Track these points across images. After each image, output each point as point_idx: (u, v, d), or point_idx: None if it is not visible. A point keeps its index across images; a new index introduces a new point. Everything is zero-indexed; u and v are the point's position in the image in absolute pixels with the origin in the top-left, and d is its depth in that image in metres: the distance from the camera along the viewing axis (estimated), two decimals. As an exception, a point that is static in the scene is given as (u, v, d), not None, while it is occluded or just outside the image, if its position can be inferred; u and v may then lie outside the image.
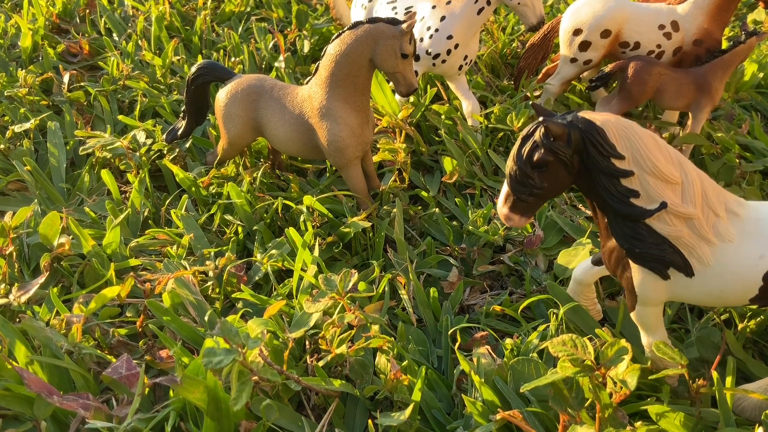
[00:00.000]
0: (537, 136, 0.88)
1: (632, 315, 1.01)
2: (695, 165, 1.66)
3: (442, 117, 1.74)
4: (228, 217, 1.43)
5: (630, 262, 0.94)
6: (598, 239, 1.36)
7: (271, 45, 2.21)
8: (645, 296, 0.96)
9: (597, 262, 1.11)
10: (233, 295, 1.24)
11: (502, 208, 0.96)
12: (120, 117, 1.77)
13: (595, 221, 0.98)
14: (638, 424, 0.96)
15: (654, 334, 1.01)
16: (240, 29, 2.37)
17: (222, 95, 1.46)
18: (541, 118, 0.87)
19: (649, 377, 1.02)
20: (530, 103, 0.87)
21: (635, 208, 0.88)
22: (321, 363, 1.07)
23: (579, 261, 1.26)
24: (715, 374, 0.97)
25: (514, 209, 0.94)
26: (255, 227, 1.40)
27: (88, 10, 2.47)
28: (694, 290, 0.93)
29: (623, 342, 0.91)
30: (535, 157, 0.88)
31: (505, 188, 0.95)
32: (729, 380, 1.01)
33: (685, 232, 0.89)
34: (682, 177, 0.89)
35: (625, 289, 0.99)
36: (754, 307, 1.17)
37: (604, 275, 1.14)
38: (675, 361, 0.98)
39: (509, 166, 0.92)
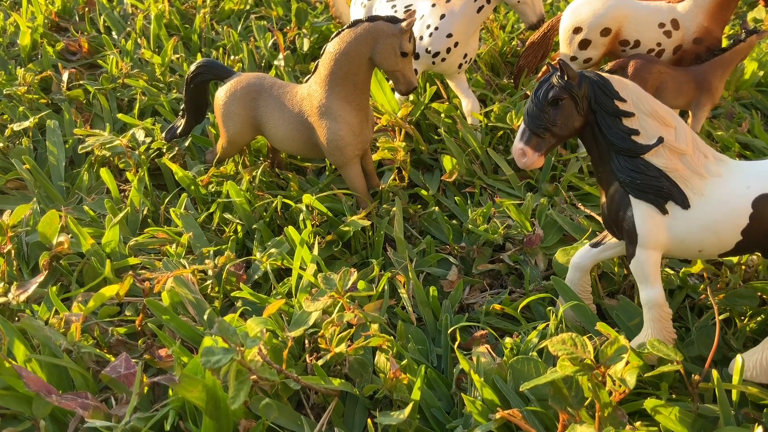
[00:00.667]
0: (554, 79, 1.01)
1: (631, 265, 1.05)
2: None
3: (442, 115, 1.74)
4: (227, 215, 1.43)
5: (630, 201, 1.02)
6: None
7: (270, 43, 2.20)
8: (646, 235, 1.01)
9: (595, 245, 1.16)
10: (232, 294, 1.24)
11: (518, 143, 1.05)
12: (119, 115, 1.77)
13: (596, 176, 1.07)
14: (638, 423, 0.96)
15: (652, 286, 1.05)
16: (239, 27, 2.36)
17: (221, 94, 1.46)
18: (558, 60, 1.00)
19: (645, 375, 1.01)
20: (550, 62, 0.98)
21: (636, 143, 1.00)
22: (320, 362, 1.06)
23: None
24: (714, 372, 0.97)
25: (529, 143, 1.04)
26: (254, 226, 1.40)
27: (87, 9, 2.47)
28: (690, 225, 1.00)
29: (623, 340, 0.91)
30: (551, 94, 1.01)
31: (521, 127, 1.05)
32: (736, 378, 1.01)
33: (679, 166, 1.00)
34: (675, 123, 1.01)
35: (625, 237, 1.05)
36: (755, 304, 1.17)
37: (603, 258, 1.16)
38: (670, 357, 0.98)
39: (527, 105, 1.04)
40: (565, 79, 1.00)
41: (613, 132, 1.00)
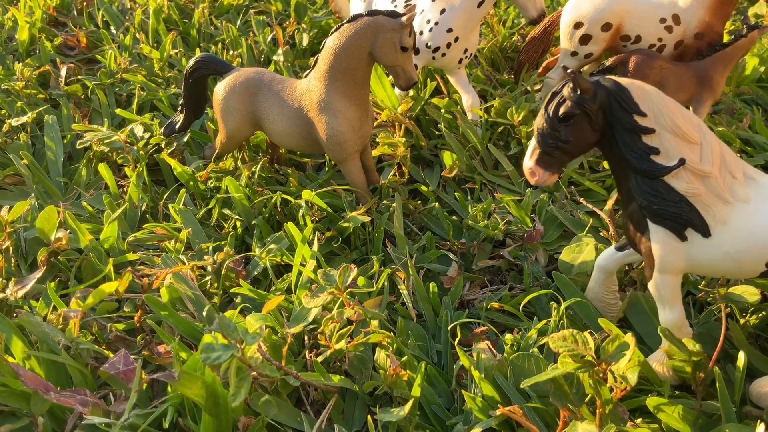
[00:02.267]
0: (565, 91, 0.93)
1: (649, 286, 1.01)
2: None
3: (442, 111, 1.73)
4: (226, 211, 1.43)
5: (648, 224, 0.95)
6: (602, 232, 1.36)
7: (269, 38, 2.20)
8: (663, 261, 0.96)
9: (621, 248, 1.12)
10: (232, 290, 1.24)
11: (528, 162, 0.99)
12: (117, 110, 1.76)
13: (618, 189, 1.01)
14: (639, 420, 0.95)
15: (672, 308, 1.00)
16: (238, 22, 2.35)
17: (220, 89, 1.45)
18: (569, 72, 0.92)
19: (645, 371, 1.01)
20: (569, 71, 0.93)
21: (654, 164, 0.92)
22: (320, 358, 1.06)
23: (584, 257, 1.25)
24: (716, 369, 0.97)
25: (540, 163, 0.98)
26: (253, 222, 1.39)
27: (85, 3, 2.46)
28: (710, 253, 0.94)
29: (624, 337, 0.91)
30: (561, 110, 0.93)
31: (532, 143, 0.99)
32: (738, 376, 1.00)
33: (702, 190, 0.92)
34: (701, 139, 0.92)
35: (644, 258, 0.99)
36: (757, 299, 1.16)
37: (628, 262, 1.13)
38: (685, 353, 0.97)
39: (538, 120, 0.97)
40: (578, 92, 0.92)
41: (630, 150, 0.93)
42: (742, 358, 0.99)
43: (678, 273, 0.98)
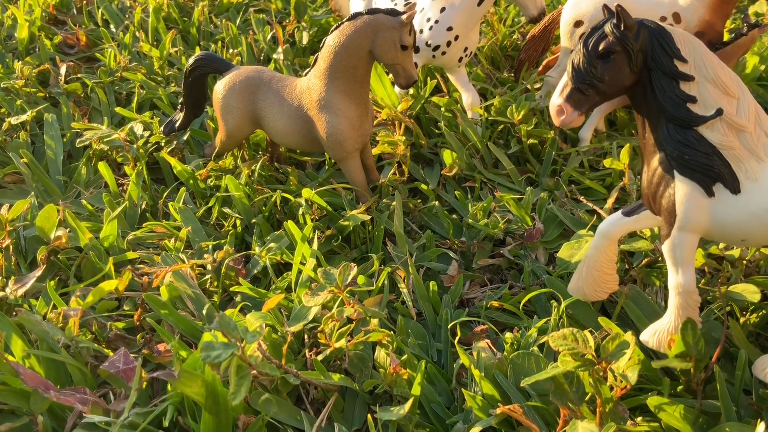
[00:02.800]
0: (608, 27, 0.90)
1: (664, 246, 0.97)
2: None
3: (442, 109, 1.73)
4: (226, 210, 1.42)
5: (675, 177, 0.93)
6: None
7: (269, 36, 2.19)
8: (686, 217, 0.93)
9: (629, 213, 1.07)
10: (231, 289, 1.24)
11: (557, 98, 0.96)
12: (117, 109, 1.76)
13: (641, 142, 0.98)
14: (639, 419, 0.95)
15: (684, 271, 0.97)
16: (238, 20, 2.35)
17: (220, 87, 1.45)
18: (616, 5, 0.89)
19: (653, 364, 1.00)
20: (616, 4, 0.90)
21: (690, 112, 0.89)
22: (320, 357, 1.06)
23: (582, 254, 1.24)
24: (716, 368, 0.97)
25: (569, 100, 0.94)
26: (253, 220, 1.39)
27: (85, 1, 2.46)
28: (737, 212, 0.91)
29: (624, 335, 0.91)
30: (602, 46, 0.90)
31: (563, 80, 0.95)
32: (739, 375, 1.00)
33: (736, 144, 0.89)
34: (739, 93, 0.90)
35: (662, 215, 0.96)
36: (757, 298, 1.16)
37: (634, 229, 1.10)
38: (691, 353, 0.97)
39: (573, 56, 0.93)
40: (621, 28, 0.89)
41: (667, 96, 0.89)
42: (742, 357, 0.99)
43: (698, 232, 0.95)
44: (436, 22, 1.59)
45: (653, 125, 0.93)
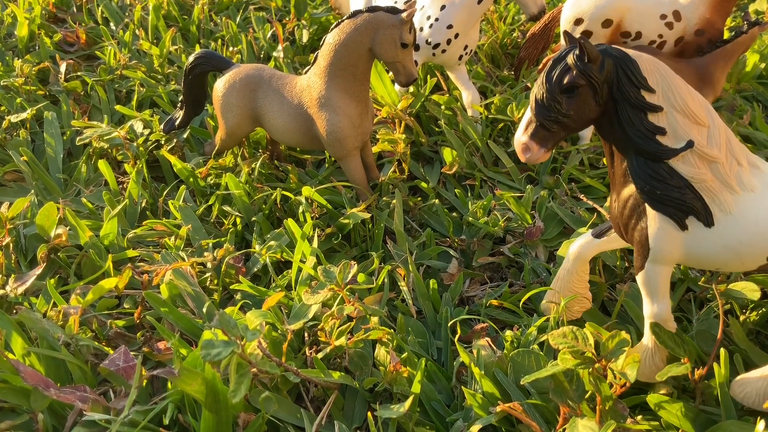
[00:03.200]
0: (570, 59, 0.86)
1: (638, 277, 0.96)
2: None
3: (442, 107, 1.73)
4: (226, 208, 1.42)
5: (647, 210, 0.90)
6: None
7: (269, 34, 2.19)
8: (658, 250, 0.91)
9: (598, 235, 1.06)
10: (231, 287, 1.24)
11: (521, 136, 0.92)
12: (117, 107, 1.76)
13: (611, 171, 0.94)
14: (639, 417, 0.95)
15: (660, 302, 0.96)
16: (238, 18, 2.35)
17: (220, 85, 1.45)
18: (579, 37, 0.85)
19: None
20: (563, 30, 0.85)
21: (660, 145, 0.86)
22: (320, 355, 1.06)
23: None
24: (716, 366, 0.97)
25: (534, 137, 0.90)
26: (253, 218, 1.39)
27: (84, -1, 2.45)
28: (710, 244, 0.89)
29: (624, 333, 0.91)
30: (566, 80, 0.85)
31: (527, 115, 0.91)
32: (723, 372, 1.00)
33: (708, 176, 0.86)
34: (709, 121, 0.87)
35: (634, 246, 0.94)
36: (757, 296, 1.16)
37: (605, 250, 1.09)
38: (678, 354, 0.97)
39: (536, 90, 0.89)
40: (585, 60, 0.84)
41: (635, 129, 0.85)
42: (738, 359, 0.99)
43: (672, 263, 0.93)
44: (437, 19, 1.59)
45: (622, 156, 0.90)
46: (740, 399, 0.97)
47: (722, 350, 0.97)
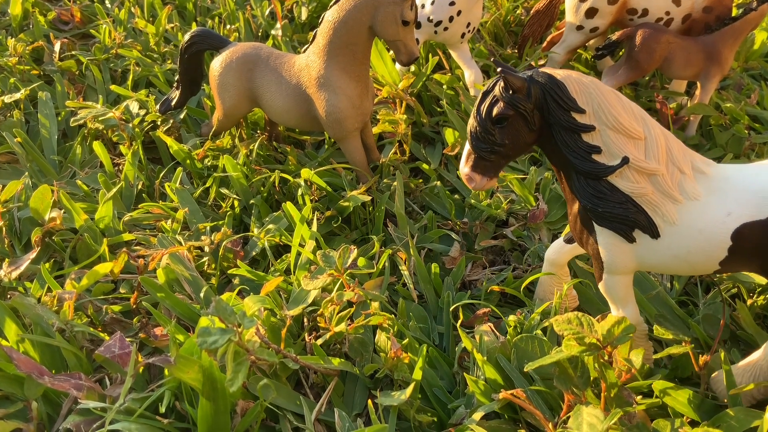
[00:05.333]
0: (497, 90, 0.87)
1: (600, 287, 0.97)
2: (703, 136, 1.62)
3: (444, 87, 1.70)
4: (224, 190, 1.40)
5: (595, 226, 0.91)
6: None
7: (267, 12, 2.15)
8: (611, 262, 0.92)
9: (569, 240, 1.08)
10: (229, 271, 1.22)
11: (463, 168, 0.93)
12: (112, 87, 1.73)
13: (561, 187, 0.95)
14: (638, 397, 0.94)
15: (624, 307, 0.97)
16: (235, -4, 2.31)
17: (216, 64, 1.42)
18: (499, 70, 0.85)
19: (654, 356, 0.99)
20: (492, 59, 0.86)
21: (596, 164, 0.86)
22: (320, 341, 1.04)
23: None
24: (722, 352, 0.95)
25: (476, 168, 0.92)
26: (252, 201, 1.37)
27: (79, -24, 2.41)
28: (660, 254, 0.90)
29: (628, 321, 0.89)
30: (495, 112, 0.87)
31: (467, 147, 0.92)
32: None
33: (648, 189, 0.86)
34: (646, 133, 0.87)
35: (592, 258, 0.96)
36: (764, 281, 1.14)
37: (578, 254, 1.10)
38: (678, 338, 0.96)
39: (470, 123, 0.90)
40: (510, 92, 0.85)
41: (571, 150, 0.86)
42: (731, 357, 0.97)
43: (629, 273, 0.95)
44: (438, -4, 1.55)
45: (565, 175, 0.91)
46: (719, 393, 0.98)
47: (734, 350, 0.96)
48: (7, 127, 1.61)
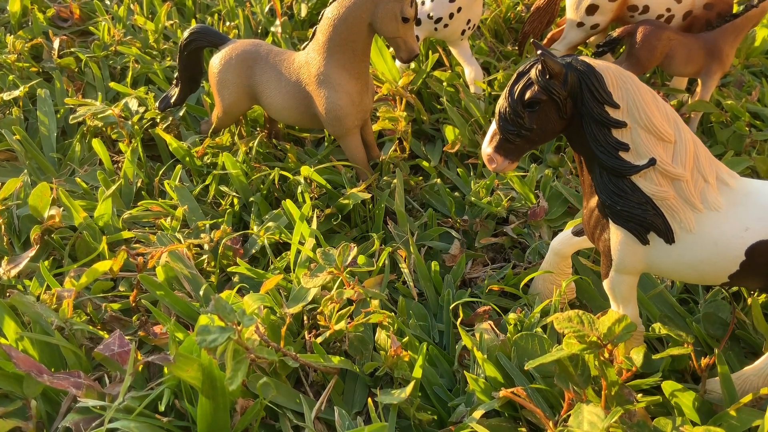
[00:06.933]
0: (533, 73, 0.85)
1: (605, 284, 0.97)
2: (704, 133, 1.62)
3: (444, 84, 1.70)
4: (223, 188, 1.40)
5: (610, 222, 0.90)
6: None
7: (267, 9, 2.15)
8: (621, 261, 0.92)
9: (577, 233, 1.07)
10: (229, 269, 1.21)
11: (486, 147, 0.92)
12: (111, 84, 1.73)
13: (581, 178, 0.94)
14: (639, 395, 0.93)
15: (625, 307, 0.97)
16: (235, -7, 2.30)
17: (216, 61, 1.42)
18: (539, 53, 0.83)
19: (654, 356, 0.99)
20: (531, 41, 0.85)
21: (623, 162, 0.85)
22: (319, 339, 1.04)
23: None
24: (718, 352, 0.95)
25: (499, 150, 0.90)
26: (251, 199, 1.36)
27: (78, -27, 2.40)
28: (671, 260, 0.89)
29: (629, 318, 0.88)
30: (528, 95, 0.85)
31: (492, 127, 0.91)
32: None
33: (670, 194, 0.85)
34: (676, 136, 0.85)
35: (601, 254, 0.95)
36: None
37: (584, 248, 1.10)
38: (681, 339, 0.95)
39: (500, 103, 0.88)
40: (546, 77, 0.83)
41: (598, 144, 0.85)
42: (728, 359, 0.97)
43: (637, 273, 0.94)
44: (438, -7, 1.55)
45: (588, 167, 0.90)
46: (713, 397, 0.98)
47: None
48: (6, 124, 1.60)
